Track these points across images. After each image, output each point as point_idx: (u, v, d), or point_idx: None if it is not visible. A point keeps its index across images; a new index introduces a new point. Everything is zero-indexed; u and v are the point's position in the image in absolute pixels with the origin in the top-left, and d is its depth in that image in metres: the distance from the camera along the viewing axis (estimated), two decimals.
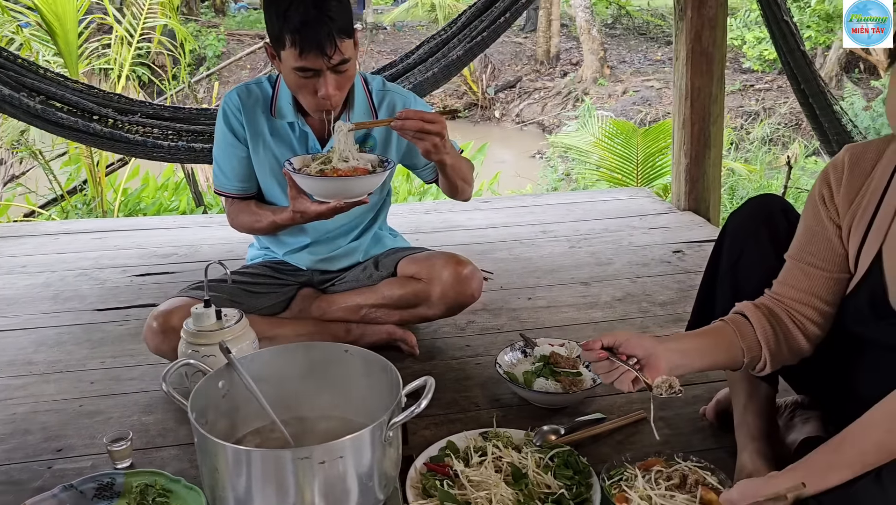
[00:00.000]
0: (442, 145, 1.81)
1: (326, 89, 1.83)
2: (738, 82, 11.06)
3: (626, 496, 1.39)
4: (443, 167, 1.95)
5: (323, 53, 1.77)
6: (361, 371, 1.49)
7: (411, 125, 1.78)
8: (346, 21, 1.80)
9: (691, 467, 1.44)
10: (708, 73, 3.10)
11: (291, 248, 2.19)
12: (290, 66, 1.82)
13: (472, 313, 2.34)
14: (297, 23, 1.75)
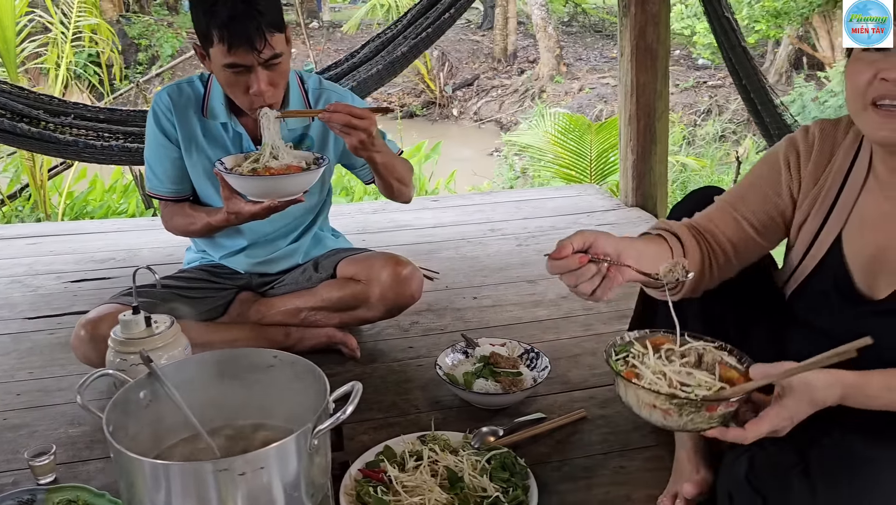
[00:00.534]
0: (370, 142, 1.78)
1: (259, 85, 1.78)
2: (692, 79, 11.22)
3: (637, 372, 1.16)
4: (374, 165, 1.92)
5: (253, 48, 1.72)
6: (291, 377, 1.44)
7: (338, 118, 1.75)
8: (276, 15, 1.76)
9: (707, 347, 1.21)
10: (652, 69, 3.11)
11: (228, 251, 2.14)
12: (219, 64, 1.77)
13: (417, 314, 2.31)
14: (225, 18, 1.70)
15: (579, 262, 1.10)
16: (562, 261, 1.11)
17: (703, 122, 9.49)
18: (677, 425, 1.11)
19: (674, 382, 1.13)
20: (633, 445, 1.66)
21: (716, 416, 1.09)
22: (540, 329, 2.23)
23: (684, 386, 1.12)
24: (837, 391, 1.08)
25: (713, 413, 1.08)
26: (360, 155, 1.83)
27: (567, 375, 1.96)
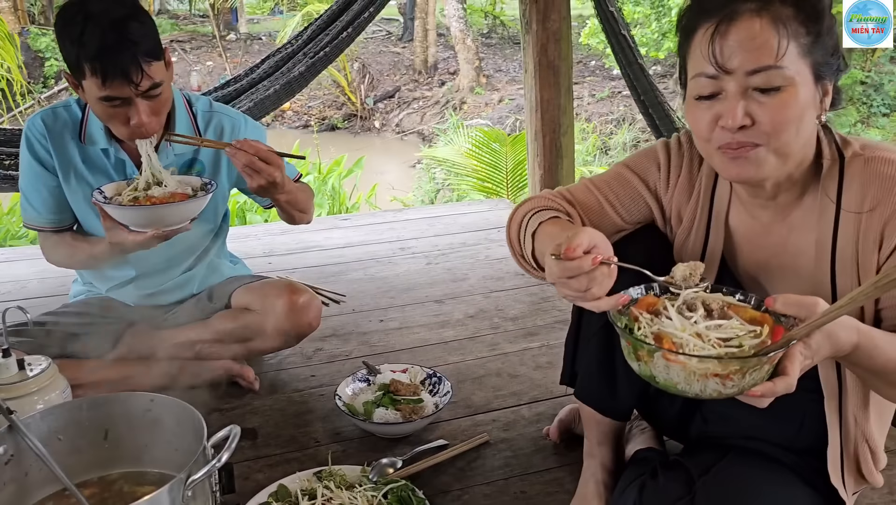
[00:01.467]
0: (272, 187, 1.71)
1: (139, 117, 1.69)
2: (607, 89, 11.50)
3: (676, 341, 0.99)
4: (276, 201, 1.86)
5: (129, 81, 1.63)
6: (169, 421, 1.36)
7: (243, 158, 1.67)
8: (152, 42, 1.66)
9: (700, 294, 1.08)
10: (555, 85, 3.14)
11: (116, 282, 2.03)
12: (94, 96, 1.66)
13: (321, 340, 2.25)
14: (95, 50, 1.59)
15: (592, 263, 1.02)
16: (575, 262, 1.02)
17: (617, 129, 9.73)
18: (736, 389, 0.96)
19: (714, 341, 0.98)
20: (534, 468, 1.65)
21: (772, 366, 0.96)
22: (446, 351, 2.20)
23: (726, 341, 0.98)
24: (854, 336, 1.02)
25: (772, 364, 0.96)
26: (260, 195, 1.76)
27: (471, 399, 1.93)
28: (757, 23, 1.05)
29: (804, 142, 1.12)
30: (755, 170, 1.11)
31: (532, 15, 3.07)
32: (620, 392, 1.38)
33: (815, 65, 1.07)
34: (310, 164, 6.39)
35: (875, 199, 1.12)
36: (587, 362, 1.42)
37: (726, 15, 1.06)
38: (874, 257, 1.13)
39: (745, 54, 1.05)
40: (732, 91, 1.07)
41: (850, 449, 1.25)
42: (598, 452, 1.52)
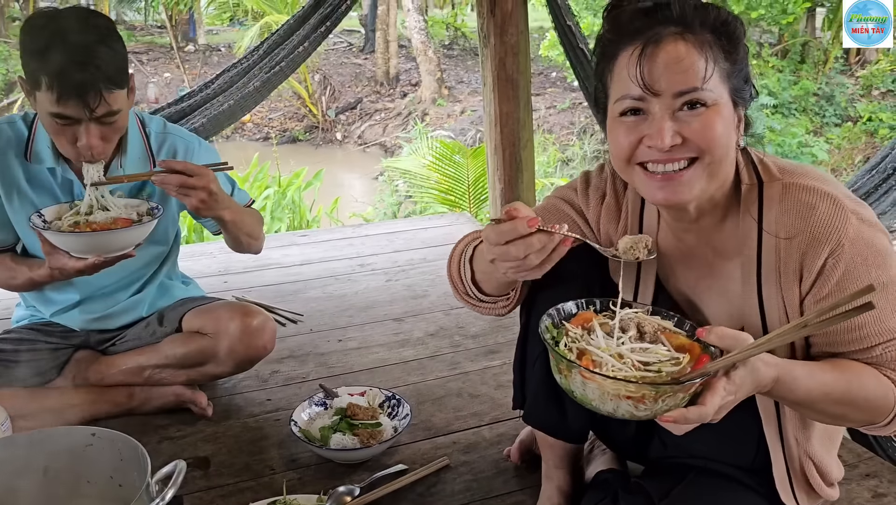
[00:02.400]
0: (212, 201, 1.66)
1: (88, 140, 1.63)
2: (568, 101, 11.61)
3: (594, 359, 1.02)
4: (222, 223, 1.80)
5: (84, 105, 1.57)
6: (112, 456, 1.30)
7: (173, 179, 1.62)
8: (118, 70, 1.60)
9: (640, 315, 1.11)
10: (514, 98, 3.14)
11: (60, 306, 1.95)
12: (45, 110, 1.60)
13: (277, 362, 2.19)
14: (57, 66, 1.53)
15: (529, 225, 1.01)
16: (510, 224, 1.02)
17: (578, 140, 9.81)
18: (648, 413, 0.97)
19: (635, 363, 1.00)
20: (495, 491, 1.62)
21: (689, 395, 0.97)
22: (405, 371, 2.16)
23: (647, 365, 1.00)
24: (774, 371, 1.03)
25: (687, 392, 0.97)
26: (204, 215, 1.71)
27: (431, 421, 1.90)
28: (682, 46, 1.06)
29: (729, 162, 1.13)
30: (686, 191, 1.10)
31: (490, 29, 3.07)
32: (570, 414, 1.36)
33: (733, 90, 1.09)
34: (269, 176, 6.31)
35: (794, 227, 1.12)
36: (534, 385, 1.40)
37: (651, 38, 1.07)
38: (796, 289, 1.14)
39: (672, 76, 1.06)
40: (659, 112, 1.07)
41: (796, 467, 1.26)
42: (554, 476, 1.50)
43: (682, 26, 1.07)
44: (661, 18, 1.08)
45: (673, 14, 1.08)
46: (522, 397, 1.45)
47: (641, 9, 1.10)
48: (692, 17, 1.08)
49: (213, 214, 1.72)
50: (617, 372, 0.98)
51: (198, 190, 1.63)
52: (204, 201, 1.64)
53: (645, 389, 0.95)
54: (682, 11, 1.08)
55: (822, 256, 1.10)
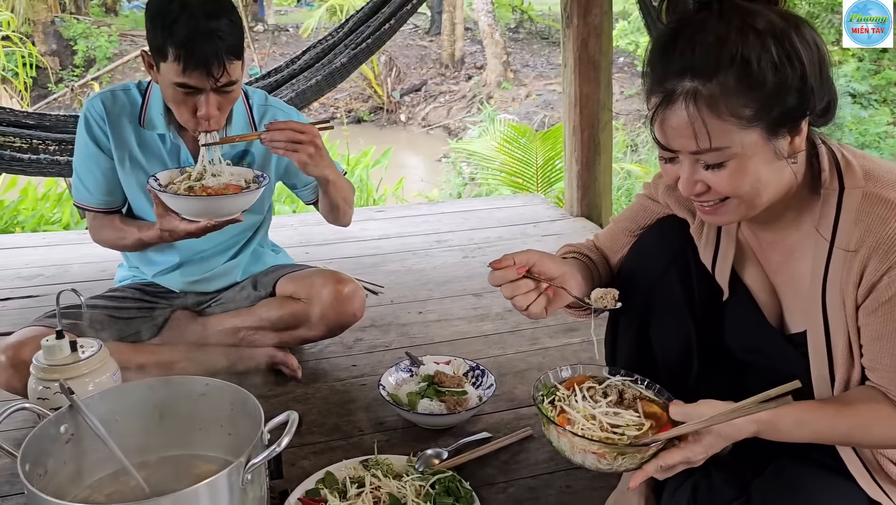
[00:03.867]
0: (318, 157, 1.73)
1: (208, 110, 1.71)
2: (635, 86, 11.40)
3: (569, 417, 1.20)
4: (324, 184, 1.86)
5: (209, 74, 1.65)
6: (224, 406, 1.37)
7: (281, 136, 1.69)
8: (238, 41, 1.68)
9: (625, 382, 1.27)
10: (595, 80, 3.12)
11: (161, 268, 2.05)
12: (169, 80, 1.69)
13: (361, 330, 2.26)
14: (184, 37, 1.62)
15: (517, 272, 1.19)
16: (500, 271, 1.20)
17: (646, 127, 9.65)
18: (609, 467, 1.14)
19: (604, 425, 1.17)
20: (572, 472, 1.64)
21: (647, 455, 1.13)
22: (486, 344, 2.20)
23: (614, 428, 1.17)
24: (752, 427, 1.11)
25: (644, 453, 1.13)
26: (311, 173, 1.77)
27: (513, 392, 1.93)
28: (690, 109, 1.03)
29: (774, 188, 1.10)
30: (727, 219, 1.15)
31: (573, 9, 3.06)
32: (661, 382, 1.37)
33: (769, 124, 1.04)
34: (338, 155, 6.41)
35: (862, 240, 1.10)
36: (627, 349, 1.42)
37: (665, 97, 1.05)
38: (853, 296, 1.13)
39: (682, 140, 1.06)
40: (684, 163, 1.09)
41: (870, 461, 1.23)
42: None
43: (695, 79, 1.02)
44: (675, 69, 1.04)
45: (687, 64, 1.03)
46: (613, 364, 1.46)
47: (662, 53, 1.07)
48: (707, 65, 1.02)
49: (319, 172, 1.77)
50: (585, 431, 1.15)
51: (305, 145, 1.69)
52: (311, 156, 1.71)
53: (605, 448, 1.12)
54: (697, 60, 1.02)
55: (880, 270, 1.08)
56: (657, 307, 1.34)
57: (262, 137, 1.73)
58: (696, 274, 1.32)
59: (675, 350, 1.35)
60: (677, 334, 1.34)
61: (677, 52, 1.04)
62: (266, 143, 1.72)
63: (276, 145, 1.72)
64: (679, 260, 1.33)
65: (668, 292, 1.33)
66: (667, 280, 1.33)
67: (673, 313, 1.33)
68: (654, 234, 1.39)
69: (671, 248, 1.34)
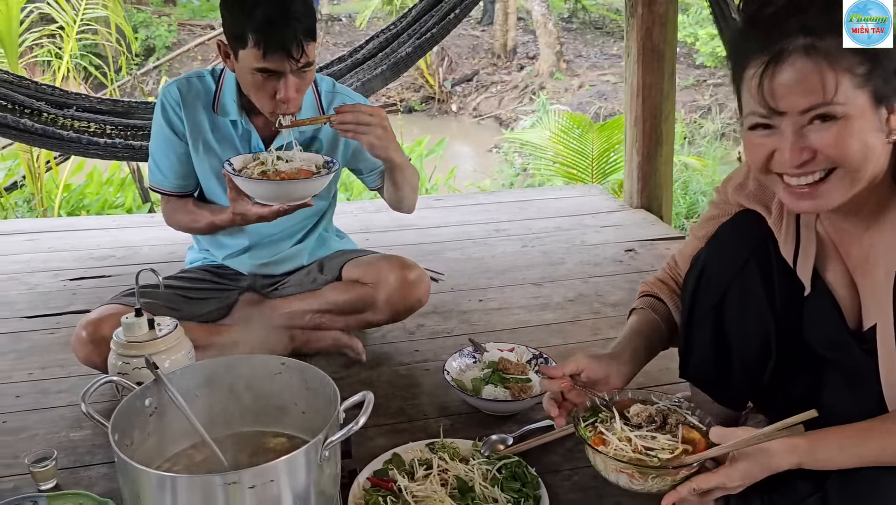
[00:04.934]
0: (386, 138, 1.75)
1: (287, 92, 1.75)
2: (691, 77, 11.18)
3: (604, 438, 1.28)
4: (391, 168, 1.89)
5: (289, 56, 1.69)
6: (299, 385, 1.41)
7: (350, 118, 1.72)
8: (312, 23, 1.73)
9: (671, 407, 1.33)
10: (659, 70, 3.08)
11: (231, 251, 2.11)
12: (249, 67, 1.73)
13: (422, 316, 2.28)
14: (262, 22, 1.67)
15: (565, 386, 1.37)
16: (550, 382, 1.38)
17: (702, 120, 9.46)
18: (642, 488, 1.21)
19: (638, 447, 1.24)
20: None
21: (678, 478, 1.18)
22: (547, 333, 2.20)
23: (648, 450, 1.24)
24: (794, 458, 1.13)
25: (675, 477, 1.18)
26: (378, 154, 1.79)
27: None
28: (807, 63, 1.02)
29: (873, 165, 1.08)
30: (825, 203, 1.11)
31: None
32: (734, 376, 1.37)
33: (875, 91, 1.04)
34: None
35: None
36: (700, 343, 1.41)
37: (775, 55, 1.04)
38: None
39: (795, 97, 1.04)
40: (787, 130, 1.07)
41: None
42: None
43: (809, 36, 1.02)
44: (787, 29, 1.04)
45: (799, 23, 1.03)
46: (687, 358, 1.45)
47: (768, 14, 1.07)
48: (821, 24, 1.03)
49: (386, 154, 1.80)
50: (616, 452, 1.24)
51: (373, 126, 1.72)
52: (379, 137, 1.74)
53: (633, 469, 1.20)
54: (810, 18, 1.03)
55: None
56: (736, 301, 1.33)
57: (331, 120, 1.76)
58: (777, 268, 1.30)
59: (753, 345, 1.34)
60: (756, 329, 1.33)
61: (786, 10, 1.05)
62: (335, 125, 1.75)
63: (345, 127, 1.75)
64: (759, 253, 1.31)
65: (748, 286, 1.31)
66: (747, 273, 1.31)
67: (752, 307, 1.32)
68: (731, 227, 1.37)
69: (750, 241, 1.33)
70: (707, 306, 1.36)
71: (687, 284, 1.42)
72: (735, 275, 1.32)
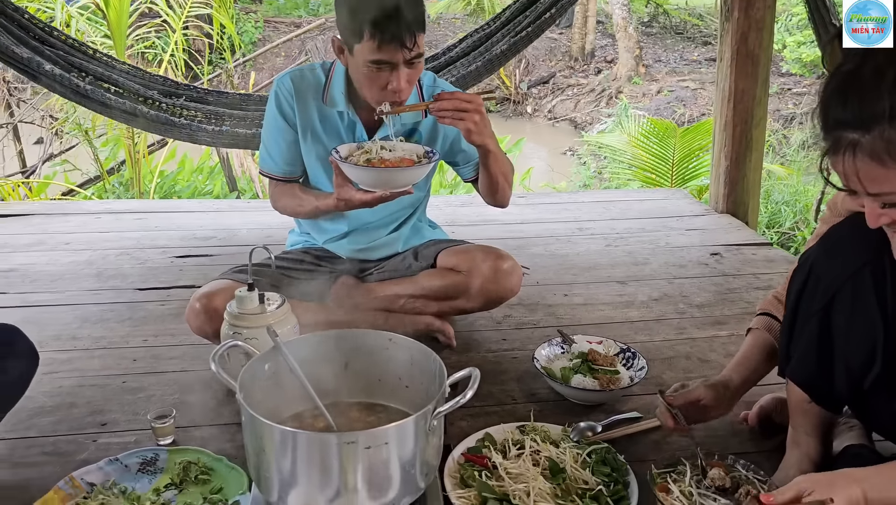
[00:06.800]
0: (482, 124, 1.82)
1: (399, 83, 1.83)
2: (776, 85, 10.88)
3: (668, 487, 1.40)
4: (485, 156, 1.94)
5: (402, 46, 1.77)
6: (405, 360, 1.50)
7: (448, 104, 1.79)
8: (422, 14, 1.81)
9: (749, 477, 1.42)
10: (753, 75, 3.06)
11: (331, 235, 2.21)
12: (363, 59, 1.82)
13: (509, 308, 2.34)
14: (378, 15, 1.75)
15: None
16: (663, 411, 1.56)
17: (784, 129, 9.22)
18: None
19: (696, 503, 1.36)
20: (731, 449, 1.63)
21: None
22: (632, 330, 2.24)
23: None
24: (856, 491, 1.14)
25: None
26: (474, 141, 1.86)
27: (661, 377, 1.96)
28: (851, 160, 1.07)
29: None
30: None
31: (734, 2, 3.00)
32: (836, 379, 1.37)
33: None
34: None
35: None
36: (805, 342, 1.41)
37: (832, 145, 1.09)
38: None
39: (856, 184, 1.09)
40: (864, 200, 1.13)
41: None
42: (803, 442, 1.51)
43: (858, 130, 1.06)
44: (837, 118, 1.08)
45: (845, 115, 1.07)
46: (787, 357, 1.47)
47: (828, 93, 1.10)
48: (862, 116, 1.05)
49: (482, 140, 1.86)
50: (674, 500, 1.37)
51: (471, 112, 1.79)
52: (476, 123, 1.80)
53: None
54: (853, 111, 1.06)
55: None
56: (845, 306, 1.33)
57: (430, 107, 1.83)
58: (892, 277, 1.29)
59: (859, 351, 1.33)
60: (863, 336, 1.32)
61: (839, 102, 1.09)
62: (434, 112, 1.82)
63: (443, 114, 1.82)
64: (874, 261, 1.30)
65: (859, 292, 1.31)
66: (859, 280, 1.31)
67: (862, 314, 1.31)
68: (846, 229, 1.37)
69: (865, 247, 1.32)
70: (815, 307, 1.37)
71: (793, 283, 1.43)
72: (847, 278, 1.32)
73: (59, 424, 1.76)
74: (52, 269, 2.68)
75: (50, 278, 2.60)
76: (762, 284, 2.58)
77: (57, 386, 1.91)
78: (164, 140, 5.69)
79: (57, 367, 2.00)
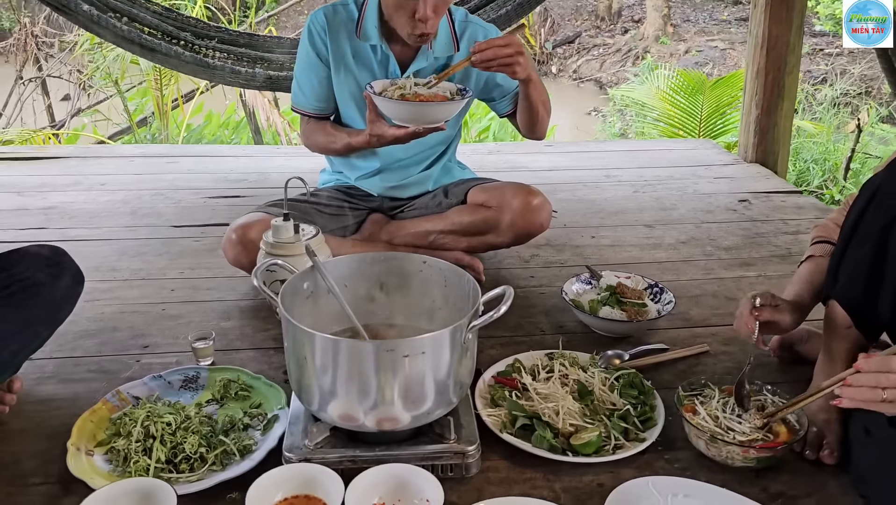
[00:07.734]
0: (525, 61, 1.82)
1: (425, 10, 1.84)
2: (808, 45, 10.66)
3: (695, 408, 1.46)
4: (526, 86, 1.95)
5: None
6: (439, 282, 1.53)
7: (490, 54, 1.79)
8: None
9: (774, 400, 1.48)
10: (787, 20, 3.01)
11: (363, 172, 2.24)
12: None
13: (536, 247, 2.37)
14: None
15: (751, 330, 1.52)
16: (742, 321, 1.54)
17: (815, 90, 9.05)
18: (718, 456, 1.39)
19: (722, 425, 1.41)
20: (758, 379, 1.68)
21: (750, 457, 1.36)
22: (659, 270, 2.26)
23: (730, 429, 1.41)
24: None
25: (747, 455, 1.36)
26: (519, 77, 1.86)
27: (689, 313, 1.99)
28: None
29: None
30: None
31: None
32: (880, 304, 1.38)
33: None
34: None
35: None
36: (856, 263, 1.40)
37: None
38: None
39: None
40: None
41: None
42: (830, 371, 1.53)
43: None
44: None
45: None
46: (835, 279, 1.46)
47: None
48: None
49: (525, 74, 1.86)
50: (701, 421, 1.43)
51: (513, 56, 1.79)
52: (520, 63, 1.81)
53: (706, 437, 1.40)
54: None
55: None
56: None
57: (472, 60, 1.83)
58: None
59: None
60: None
61: None
62: (477, 64, 1.83)
63: (487, 64, 1.82)
64: None
65: None
66: None
67: None
68: None
69: None
70: (875, 227, 1.35)
71: (856, 204, 1.42)
72: None
73: (104, 345, 1.82)
74: (89, 206, 2.75)
75: (88, 215, 2.67)
76: (790, 229, 2.58)
77: (99, 312, 1.98)
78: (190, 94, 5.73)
79: (98, 295, 2.06)
